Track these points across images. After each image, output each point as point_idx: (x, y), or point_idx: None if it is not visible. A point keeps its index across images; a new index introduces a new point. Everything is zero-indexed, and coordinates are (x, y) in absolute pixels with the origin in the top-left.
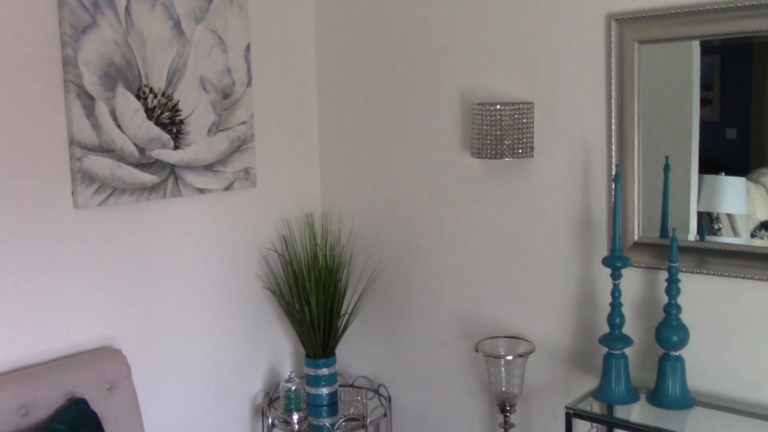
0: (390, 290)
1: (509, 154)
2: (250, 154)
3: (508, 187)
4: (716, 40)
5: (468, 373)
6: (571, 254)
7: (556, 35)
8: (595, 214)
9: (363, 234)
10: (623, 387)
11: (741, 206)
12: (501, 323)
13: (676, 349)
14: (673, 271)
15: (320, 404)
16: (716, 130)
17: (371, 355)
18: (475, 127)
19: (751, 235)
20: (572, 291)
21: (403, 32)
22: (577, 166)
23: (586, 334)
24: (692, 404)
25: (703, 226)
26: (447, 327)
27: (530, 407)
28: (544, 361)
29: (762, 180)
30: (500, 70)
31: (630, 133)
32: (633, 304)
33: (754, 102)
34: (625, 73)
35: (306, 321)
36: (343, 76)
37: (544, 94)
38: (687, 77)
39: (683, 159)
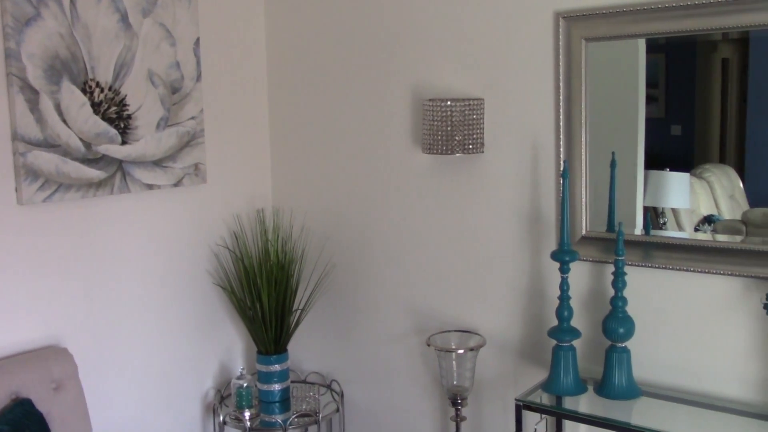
0: (342, 285)
1: (460, 149)
2: (200, 150)
3: (458, 182)
4: (661, 38)
5: (420, 367)
6: (521, 248)
7: (505, 32)
8: (544, 209)
9: (315, 229)
10: (571, 378)
11: (685, 201)
12: (452, 317)
13: (622, 340)
14: (619, 264)
15: (272, 401)
16: (662, 126)
17: (324, 351)
18: (426, 123)
19: (695, 229)
20: (522, 285)
21: (355, 28)
22: (527, 162)
23: (535, 326)
24: (638, 394)
25: (648, 221)
26: (399, 322)
27: (481, 400)
28: (495, 354)
29: (705, 175)
30: (451, 67)
31: (577, 129)
32: (581, 297)
33: (698, 99)
34: (572, 71)
35: (257, 317)
36: (295, 71)
37: (494, 90)
38: (633, 75)
39: (630, 155)
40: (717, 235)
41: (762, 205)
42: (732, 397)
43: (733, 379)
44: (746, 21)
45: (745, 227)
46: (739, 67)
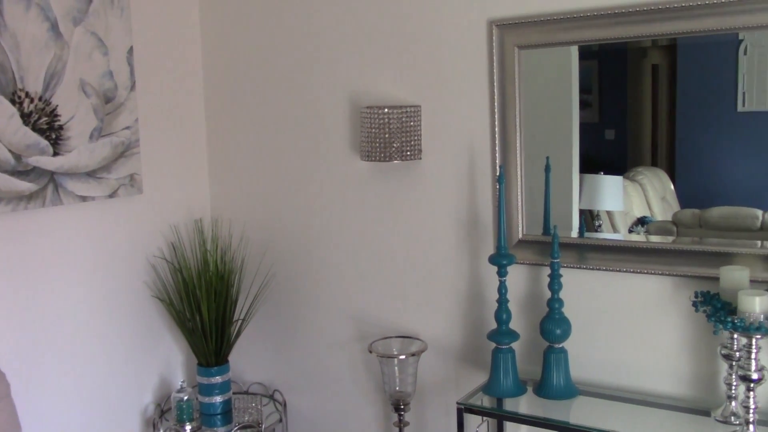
0: (283, 294)
1: (398, 156)
2: (135, 160)
3: (397, 189)
4: (594, 45)
5: (362, 373)
6: (460, 253)
7: (441, 40)
8: (481, 213)
9: (254, 238)
10: (511, 380)
11: (619, 204)
12: (394, 323)
13: (559, 341)
14: (555, 266)
15: (214, 413)
16: (596, 131)
17: (266, 361)
18: (364, 130)
19: (629, 231)
20: (461, 289)
21: (292, 35)
22: (464, 168)
23: (475, 330)
24: (575, 394)
25: (582, 223)
26: (341, 329)
27: (424, 405)
28: (437, 358)
29: (638, 178)
30: (388, 74)
31: (512, 134)
32: (519, 300)
33: (630, 104)
34: (506, 77)
35: (197, 329)
36: (232, 80)
37: (430, 97)
38: (567, 81)
39: (565, 159)
40: (650, 236)
41: (691, 206)
42: (665, 393)
43: (666, 376)
44: (673, 29)
45: (676, 228)
46: (669, 72)
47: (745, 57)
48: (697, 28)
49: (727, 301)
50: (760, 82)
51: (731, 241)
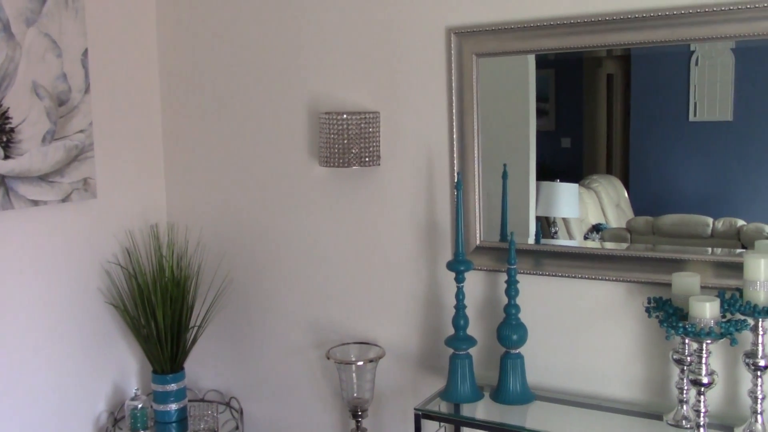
0: (240, 300)
1: (356, 162)
2: (89, 164)
3: (356, 194)
4: (551, 54)
5: (320, 380)
6: (418, 259)
7: (400, 47)
8: (439, 220)
9: (211, 244)
10: (468, 386)
11: (574, 211)
12: (352, 329)
13: (515, 347)
14: (511, 273)
15: (169, 421)
16: (552, 139)
17: (222, 368)
18: (323, 136)
19: (585, 238)
20: (419, 295)
21: (251, 40)
22: (422, 174)
23: (433, 336)
24: (531, 399)
25: (538, 230)
26: (298, 335)
27: (382, 411)
28: (395, 364)
29: (593, 186)
30: (347, 81)
31: (470, 141)
32: (476, 306)
33: (586, 113)
34: (464, 85)
35: (152, 336)
36: (189, 83)
37: (389, 104)
38: (524, 89)
39: (522, 167)
40: (604, 242)
41: (645, 213)
42: (619, 398)
43: (620, 380)
44: (626, 39)
45: (630, 235)
46: (623, 82)
47: (696, 68)
48: (650, 39)
49: (678, 307)
50: (711, 92)
51: (683, 247)
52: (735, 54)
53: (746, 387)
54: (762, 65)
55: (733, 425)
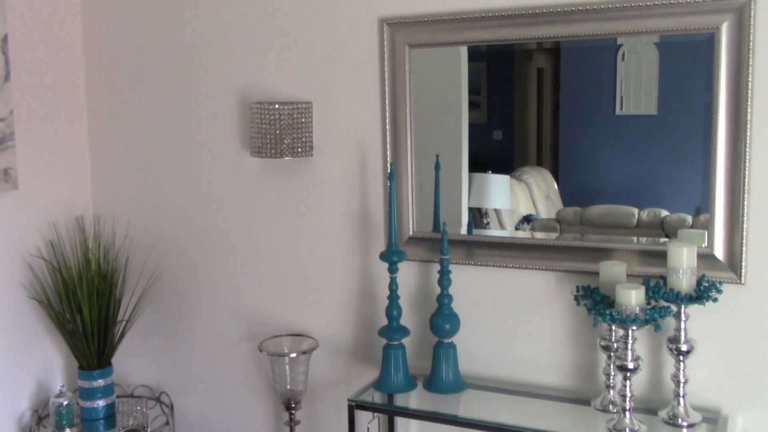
0: (170, 293)
1: (289, 153)
2: (9, 154)
3: (288, 185)
4: (483, 47)
5: (252, 373)
6: (351, 250)
7: (333, 37)
8: (372, 210)
9: (140, 236)
10: (402, 376)
11: (506, 202)
12: (285, 321)
13: (448, 336)
14: (444, 263)
15: (96, 418)
16: (484, 131)
17: (152, 363)
18: (255, 126)
19: (516, 228)
20: (353, 286)
21: (181, 27)
22: (355, 165)
23: (366, 327)
24: (464, 387)
25: (470, 221)
26: (230, 328)
27: (315, 403)
28: (328, 356)
29: (524, 178)
30: (279, 71)
31: (403, 132)
32: (409, 296)
33: (517, 106)
34: (397, 76)
35: (78, 331)
36: (116, 71)
37: (322, 94)
38: (457, 81)
39: (455, 158)
40: (535, 233)
41: (574, 204)
42: (549, 384)
43: (550, 367)
44: (555, 32)
45: (560, 225)
46: (553, 76)
47: (623, 63)
48: (577, 32)
49: (606, 295)
50: (636, 87)
51: (610, 237)
52: (659, 49)
53: (669, 371)
54: (684, 60)
55: (657, 408)
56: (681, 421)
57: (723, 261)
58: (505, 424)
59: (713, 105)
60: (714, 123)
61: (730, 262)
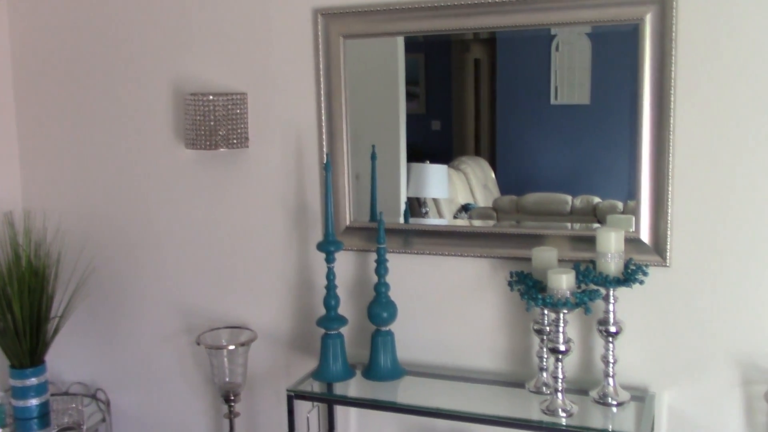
0: (105, 289)
1: (224, 144)
2: None
3: (224, 177)
4: (420, 37)
5: (190, 367)
6: (289, 241)
7: (267, 28)
8: (309, 201)
9: (72, 231)
10: (340, 365)
11: (444, 191)
12: (223, 314)
13: (386, 324)
14: (381, 252)
15: (29, 417)
16: (423, 122)
17: (86, 359)
18: (189, 117)
19: (454, 217)
20: (291, 277)
21: (112, 17)
22: (291, 155)
23: (304, 317)
24: (402, 374)
25: (407, 210)
26: (167, 322)
27: (254, 394)
28: (267, 347)
29: (462, 167)
30: (213, 61)
31: (339, 123)
32: (347, 286)
33: (455, 97)
34: (332, 67)
35: (9, 329)
36: (45, 63)
37: (257, 85)
38: (393, 72)
39: (393, 148)
40: (473, 221)
41: (510, 193)
42: (485, 369)
43: (486, 352)
44: (489, 23)
45: (496, 213)
46: (489, 66)
47: (557, 53)
48: (509, 23)
49: (538, 280)
50: (570, 76)
51: (545, 224)
52: (591, 39)
53: (599, 353)
54: (613, 51)
55: (588, 389)
56: (611, 400)
57: (649, 245)
58: (442, 409)
59: (639, 94)
60: (640, 112)
61: (656, 245)
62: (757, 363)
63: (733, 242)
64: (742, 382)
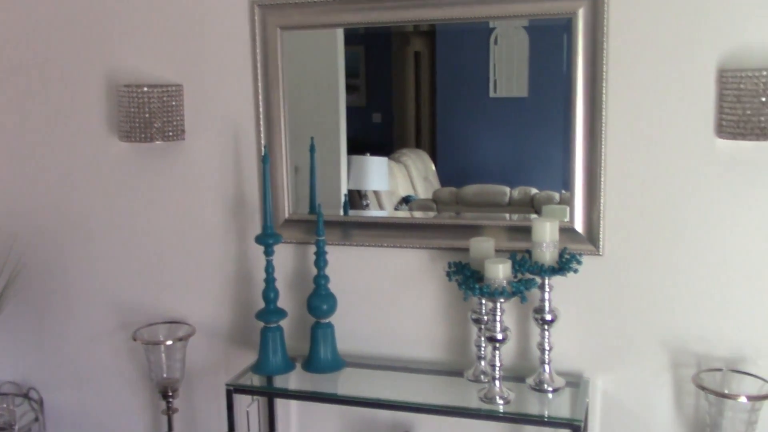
0: (37, 284)
1: (159, 137)
2: None
3: (160, 170)
4: (360, 29)
5: (127, 363)
6: (227, 234)
7: (203, 19)
8: (247, 194)
9: (1, 228)
10: (280, 358)
11: (384, 184)
12: (160, 309)
13: (325, 316)
14: (320, 244)
15: None
16: (363, 114)
17: (18, 358)
18: (123, 109)
19: (395, 209)
20: (229, 270)
21: (46, 8)
22: (229, 148)
23: (244, 311)
24: (342, 366)
25: (346, 202)
26: (102, 318)
27: (193, 389)
28: (206, 342)
29: (403, 159)
30: (148, 53)
31: (277, 115)
32: (287, 278)
33: (395, 90)
34: (269, 58)
35: None
36: None
37: (193, 76)
38: (333, 64)
39: (333, 141)
40: (414, 213)
41: (450, 185)
42: (425, 359)
43: (425, 342)
44: (427, 15)
45: (436, 205)
46: (429, 59)
47: (495, 46)
48: (446, 16)
49: (475, 270)
50: (509, 69)
51: (484, 215)
52: (528, 33)
53: (536, 340)
54: (551, 44)
55: (525, 376)
56: (547, 387)
57: (583, 234)
58: (382, 399)
59: (573, 87)
60: (573, 104)
61: (589, 235)
62: (686, 347)
63: (663, 231)
64: (671, 365)
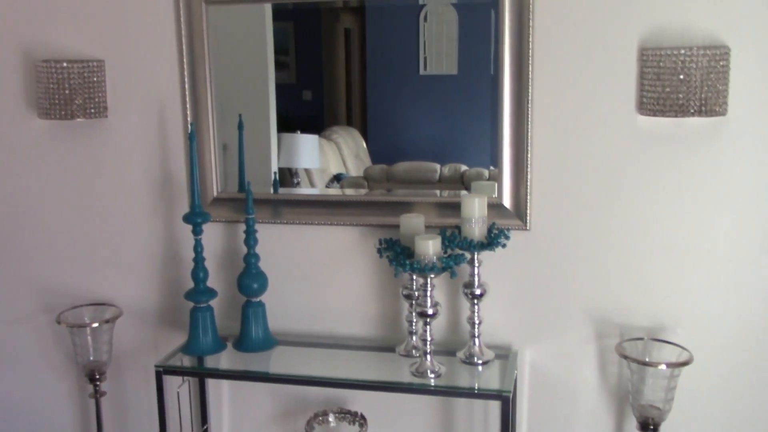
0: None
1: (81, 114)
2: None
3: (82, 148)
4: (289, 5)
5: (51, 347)
6: (154, 214)
7: None
8: (174, 172)
9: None
10: (210, 338)
11: (315, 161)
12: (85, 291)
13: (256, 295)
14: (250, 222)
15: None
16: (293, 91)
17: None
18: (42, 86)
19: (326, 187)
20: (157, 250)
21: None
22: (154, 125)
23: (172, 291)
24: (274, 344)
25: (276, 180)
26: (23, 301)
27: (121, 372)
28: (134, 323)
29: (334, 137)
30: (67, 26)
31: (203, 92)
32: (216, 258)
33: (326, 67)
34: (194, 34)
35: None
36: None
37: (116, 52)
38: (261, 40)
39: (262, 118)
40: (345, 191)
41: (381, 162)
42: (357, 335)
43: (357, 319)
44: None
45: (368, 182)
46: (359, 36)
47: (425, 23)
48: None
49: (406, 246)
50: (438, 47)
51: (415, 191)
52: (457, 10)
53: (465, 315)
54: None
55: (456, 349)
56: (476, 360)
57: (510, 210)
58: (314, 377)
59: (500, 65)
60: (501, 82)
61: (517, 210)
62: (610, 318)
63: (587, 206)
64: (596, 336)
